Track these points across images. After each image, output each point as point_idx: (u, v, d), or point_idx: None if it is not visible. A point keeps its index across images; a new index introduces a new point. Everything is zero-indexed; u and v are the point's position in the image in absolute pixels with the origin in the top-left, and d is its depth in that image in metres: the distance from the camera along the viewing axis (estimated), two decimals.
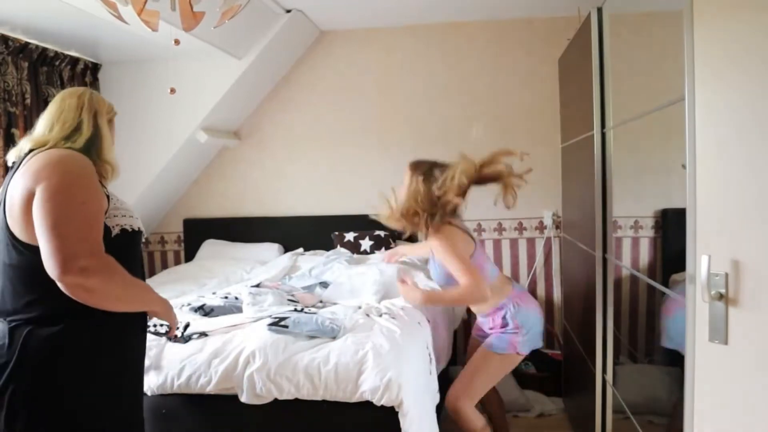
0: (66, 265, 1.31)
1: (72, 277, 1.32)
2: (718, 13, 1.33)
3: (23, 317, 1.42)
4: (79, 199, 1.39)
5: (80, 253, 1.33)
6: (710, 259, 1.28)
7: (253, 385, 2.07)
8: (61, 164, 1.42)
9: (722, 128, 1.34)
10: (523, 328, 2.34)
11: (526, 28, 3.83)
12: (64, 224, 1.33)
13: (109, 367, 1.50)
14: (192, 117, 3.61)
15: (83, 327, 1.44)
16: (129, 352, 1.60)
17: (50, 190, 1.36)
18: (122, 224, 1.53)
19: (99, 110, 1.62)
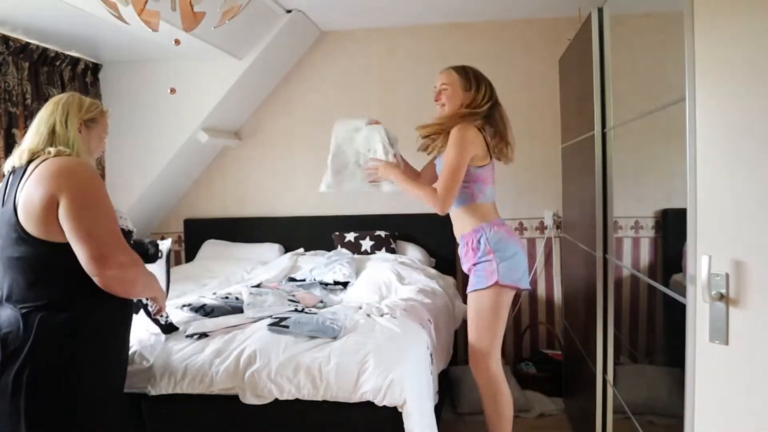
0: (107, 263, 1.54)
1: (112, 272, 1.56)
2: (719, 13, 1.33)
3: (33, 305, 1.58)
4: (103, 205, 1.60)
5: (117, 252, 1.57)
6: (711, 260, 1.28)
7: (254, 385, 2.07)
8: (75, 173, 1.59)
9: (723, 128, 1.34)
10: (498, 252, 2.27)
11: (527, 29, 3.83)
12: (97, 229, 1.56)
13: (114, 343, 1.74)
14: (192, 117, 3.61)
15: (89, 311, 1.62)
16: (128, 330, 1.82)
17: (77, 199, 1.55)
18: (122, 226, 1.70)
19: (70, 113, 1.69)
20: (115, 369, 1.76)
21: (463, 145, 2.21)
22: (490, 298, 2.29)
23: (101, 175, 3.67)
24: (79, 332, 1.60)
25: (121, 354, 1.80)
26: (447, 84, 2.32)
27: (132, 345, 2.08)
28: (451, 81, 2.32)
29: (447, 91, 2.32)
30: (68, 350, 1.58)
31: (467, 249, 2.35)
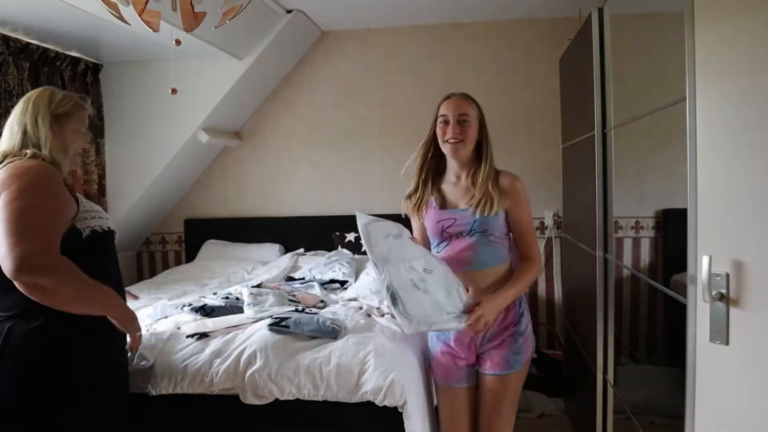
0: (19, 264, 1.37)
1: (24, 276, 1.38)
2: (719, 13, 1.33)
3: (5, 314, 1.52)
4: (35, 203, 1.45)
5: (31, 253, 1.38)
6: (711, 260, 1.28)
7: (255, 385, 2.07)
8: (21, 172, 1.49)
9: (723, 129, 1.34)
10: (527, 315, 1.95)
11: (527, 29, 3.83)
12: (18, 226, 1.40)
13: (93, 352, 1.61)
14: (193, 117, 3.61)
15: (62, 320, 1.51)
16: (110, 338, 1.68)
17: (9, 196, 1.44)
18: (92, 225, 1.62)
19: (40, 109, 1.62)
20: (94, 377, 1.61)
21: (528, 198, 1.93)
22: (524, 375, 1.96)
23: (101, 175, 3.67)
24: (47, 341, 1.51)
25: (104, 363, 1.66)
26: (470, 117, 1.87)
27: None
28: (472, 114, 1.89)
29: (469, 125, 1.87)
30: (34, 359, 1.49)
31: (501, 315, 1.88)
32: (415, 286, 1.69)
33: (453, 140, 1.85)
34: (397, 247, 1.72)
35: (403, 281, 1.69)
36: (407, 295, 1.68)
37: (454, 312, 1.72)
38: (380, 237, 1.70)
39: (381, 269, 1.69)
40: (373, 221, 1.73)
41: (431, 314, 1.69)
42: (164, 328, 2.36)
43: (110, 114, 3.72)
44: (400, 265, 1.70)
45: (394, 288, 1.68)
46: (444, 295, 1.71)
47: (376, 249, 1.70)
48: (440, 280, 1.72)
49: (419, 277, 1.70)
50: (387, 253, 1.70)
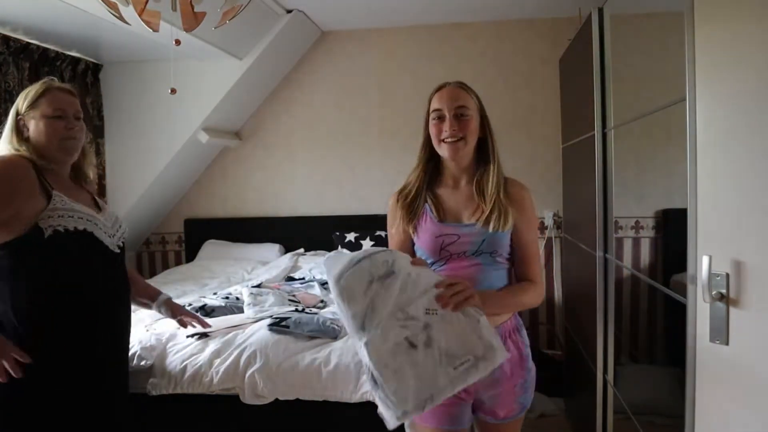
0: None
1: None
2: (719, 14, 1.33)
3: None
4: None
5: None
6: (711, 260, 1.28)
7: (254, 385, 2.07)
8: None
9: (723, 129, 1.34)
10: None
11: (527, 29, 3.83)
12: None
13: (64, 352, 1.52)
14: (193, 117, 3.61)
15: (34, 319, 1.49)
16: (87, 338, 1.57)
17: None
18: (56, 225, 1.49)
19: (19, 111, 1.60)
20: (66, 378, 1.53)
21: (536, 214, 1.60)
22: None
23: (101, 175, 3.67)
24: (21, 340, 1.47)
25: (76, 365, 1.55)
26: (469, 109, 1.52)
27: (132, 345, 2.08)
28: (472, 106, 1.53)
29: (469, 119, 1.51)
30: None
31: (509, 365, 1.52)
32: (411, 346, 1.24)
33: (451, 139, 1.49)
34: (385, 293, 1.27)
35: (390, 348, 1.24)
36: (396, 368, 1.23)
37: (469, 357, 1.26)
38: (359, 291, 1.27)
39: (360, 337, 1.26)
40: (348, 270, 1.28)
41: (432, 380, 1.23)
42: (164, 328, 2.36)
43: (110, 114, 3.72)
44: (390, 321, 1.26)
45: (373, 369, 1.23)
46: (457, 337, 1.27)
47: (353, 309, 1.26)
48: (451, 316, 1.28)
49: (420, 325, 1.26)
50: (368, 311, 1.26)
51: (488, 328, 1.30)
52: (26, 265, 1.49)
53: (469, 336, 1.27)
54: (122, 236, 1.73)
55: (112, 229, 1.68)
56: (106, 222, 1.67)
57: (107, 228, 1.65)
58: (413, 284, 1.30)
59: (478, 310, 1.31)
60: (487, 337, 1.28)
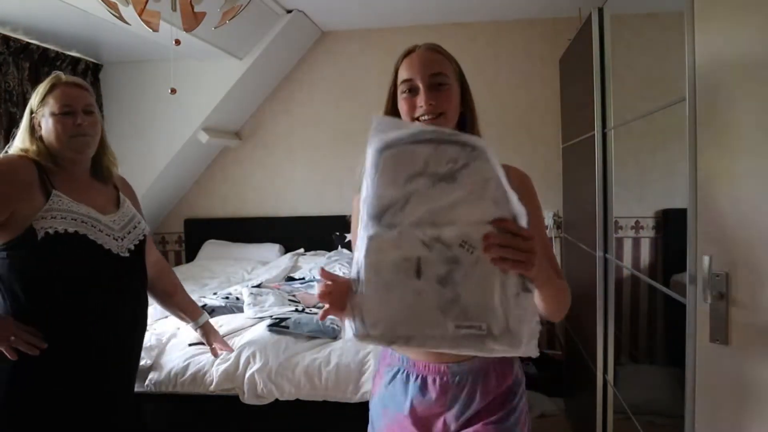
0: None
1: None
2: (719, 13, 1.33)
3: None
4: None
5: None
6: (711, 260, 1.28)
7: (254, 385, 2.07)
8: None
9: (723, 128, 1.34)
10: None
11: (527, 29, 3.83)
12: None
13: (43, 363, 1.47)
14: (193, 117, 3.61)
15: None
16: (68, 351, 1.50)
17: None
18: (48, 227, 1.44)
19: (32, 110, 1.57)
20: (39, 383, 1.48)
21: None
22: None
23: None
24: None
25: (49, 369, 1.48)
26: (448, 78, 1.20)
27: None
28: (450, 73, 1.23)
29: (448, 90, 1.20)
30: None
31: (486, 380, 1.22)
32: (417, 273, 0.93)
33: (428, 116, 1.16)
34: (429, 195, 0.92)
35: (395, 259, 0.94)
36: (389, 282, 0.94)
37: (481, 325, 0.92)
38: (401, 176, 0.94)
39: (369, 226, 0.95)
40: (401, 146, 0.94)
41: (422, 320, 0.94)
42: (164, 328, 2.37)
43: (110, 114, 3.72)
44: (413, 230, 0.93)
45: (362, 269, 0.96)
46: (481, 295, 0.92)
47: (381, 190, 0.95)
48: (488, 267, 0.91)
49: (446, 255, 0.92)
50: (397, 204, 0.94)
51: (525, 310, 0.93)
52: (22, 267, 1.46)
53: (495, 304, 0.91)
54: (136, 239, 1.65)
55: (120, 232, 1.61)
56: (114, 224, 1.59)
57: (112, 230, 1.58)
58: (470, 205, 0.91)
59: (527, 282, 0.93)
60: (515, 320, 0.92)
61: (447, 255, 0.92)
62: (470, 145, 0.91)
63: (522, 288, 0.93)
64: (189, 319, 2.01)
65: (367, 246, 0.95)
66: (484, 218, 0.91)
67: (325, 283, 0.99)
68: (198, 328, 2.04)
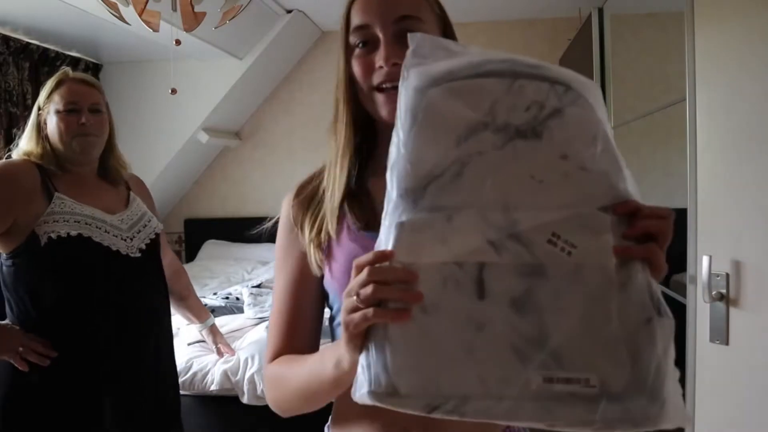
0: None
1: None
2: (719, 14, 1.33)
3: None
4: None
5: None
6: (711, 260, 1.28)
7: (254, 386, 2.07)
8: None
9: (723, 129, 1.34)
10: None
11: (527, 29, 3.83)
12: None
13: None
14: (193, 117, 3.61)
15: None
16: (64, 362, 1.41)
17: None
18: (50, 231, 1.37)
19: (39, 99, 1.50)
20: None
21: None
22: None
23: None
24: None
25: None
26: (424, 23, 0.81)
27: None
28: (428, 18, 0.84)
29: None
30: None
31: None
32: (479, 291, 0.54)
33: (391, 84, 0.74)
34: (498, 161, 0.57)
35: (439, 266, 0.55)
36: (430, 305, 0.54)
37: (589, 378, 0.52)
38: (453, 131, 0.58)
39: (400, 209, 0.57)
40: (457, 81, 0.60)
41: (484, 371, 0.53)
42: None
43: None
44: (474, 218, 0.56)
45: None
46: (587, 326, 0.54)
47: (421, 153, 0.58)
48: (598, 275, 0.54)
49: (526, 258, 0.55)
50: (446, 174, 0.57)
51: (664, 350, 0.56)
52: (27, 274, 1.41)
53: (612, 339, 0.54)
54: (147, 237, 1.56)
55: (129, 232, 1.52)
56: (122, 224, 1.51)
57: (120, 231, 1.50)
58: (566, 177, 0.57)
59: (659, 297, 0.57)
60: (648, 367, 0.54)
61: (527, 260, 0.55)
62: (563, 83, 0.61)
63: (656, 308, 0.55)
64: (197, 320, 1.97)
65: (396, 239, 0.56)
66: (591, 199, 0.57)
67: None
68: (203, 330, 2.02)
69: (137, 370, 1.50)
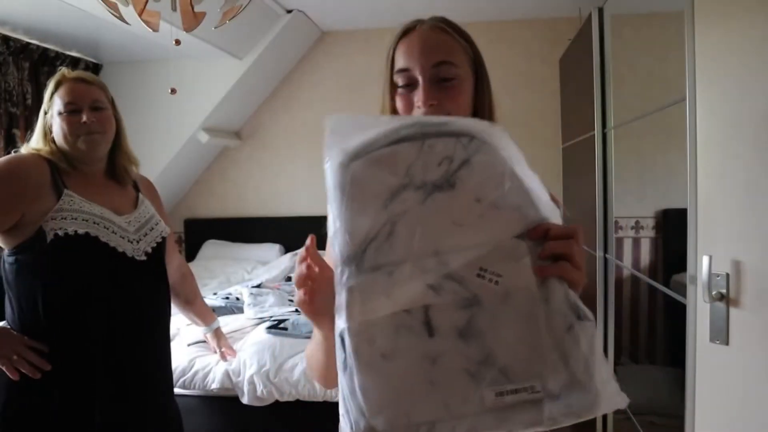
0: None
1: None
2: (719, 13, 1.33)
3: None
4: None
5: None
6: (711, 260, 1.28)
7: (254, 387, 2.07)
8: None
9: (723, 128, 1.34)
10: None
11: (527, 29, 3.83)
12: None
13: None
14: (193, 117, 3.61)
15: None
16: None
17: None
18: (57, 228, 1.35)
19: (44, 105, 1.48)
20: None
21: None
22: None
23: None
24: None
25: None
26: (458, 67, 0.92)
27: None
28: (461, 61, 0.94)
29: (458, 85, 0.92)
30: None
31: None
32: (428, 329, 0.63)
33: (422, 106, 0.88)
34: (422, 214, 0.66)
35: (388, 316, 0.64)
36: (388, 351, 0.63)
37: (533, 385, 0.61)
38: (379, 196, 0.67)
39: (345, 274, 0.66)
40: (374, 151, 0.68)
41: (445, 396, 0.62)
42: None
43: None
44: (410, 268, 0.64)
45: (347, 339, 0.64)
46: (520, 340, 0.63)
47: (354, 222, 0.68)
48: (524, 296, 0.64)
49: (463, 295, 0.64)
50: (379, 237, 0.66)
51: (589, 347, 0.62)
52: (30, 272, 1.38)
53: (545, 349, 0.62)
54: (154, 241, 1.54)
55: (135, 234, 1.50)
56: (129, 226, 1.49)
57: (127, 232, 1.47)
58: (483, 217, 0.65)
59: (579, 305, 0.64)
60: (579, 365, 0.61)
61: (463, 295, 0.63)
62: (466, 134, 0.67)
63: (575, 314, 0.63)
64: (203, 323, 1.97)
65: (348, 303, 0.64)
66: (506, 232, 0.65)
67: (308, 263, 0.77)
68: (208, 333, 2.01)
69: (134, 375, 1.48)
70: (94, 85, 1.52)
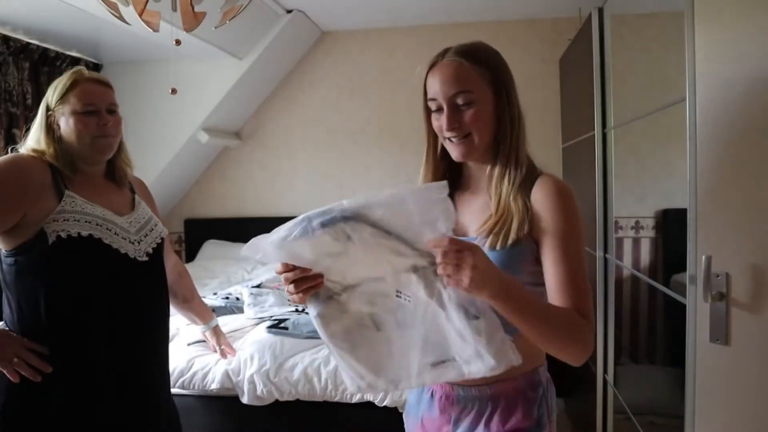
0: None
1: None
2: (719, 13, 1.33)
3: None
4: None
5: None
6: (711, 260, 1.28)
7: (254, 386, 2.07)
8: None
9: (723, 128, 1.34)
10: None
11: (527, 29, 3.83)
12: None
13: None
14: (193, 117, 3.61)
15: None
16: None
17: None
18: (60, 230, 1.34)
19: (49, 107, 1.46)
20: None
21: (578, 212, 1.11)
22: None
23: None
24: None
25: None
26: (473, 94, 1.10)
27: None
28: (477, 87, 1.11)
29: (475, 107, 1.10)
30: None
31: (498, 412, 1.14)
32: (378, 330, 1.00)
33: (454, 138, 1.10)
34: (341, 267, 0.98)
35: (350, 325, 1.01)
36: (360, 342, 1.01)
37: (453, 356, 0.97)
38: (306, 263, 1.00)
39: (313, 306, 1.03)
40: (294, 232, 0.97)
41: (404, 361, 0.99)
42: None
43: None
44: (353, 295, 1.00)
45: (328, 344, 1.02)
46: (437, 333, 0.97)
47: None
48: (432, 310, 0.95)
49: (392, 305, 0.98)
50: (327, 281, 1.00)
51: (484, 333, 0.92)
52: (30, 274, 1.36)
53: (454, 338, 0.96)
54: (154, 242, 1.54)
55: (136, 235, 1.50)
56: (129, 227, 1.49)
57: (128, 233, 1.47)
58: (381, 265, 0.95)
59: (469, 309, 0.92)
60: (479, 344, 0.93)
61: (391, 306, 0.98)
62: (334, 218, 0.95)
63: (466, 317, 0.93)
64: (201, 322, 1.97)
65: (320, 324, 1.01)
66: (401, 267, 0.95)
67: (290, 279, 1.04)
68: (207, 332, 2.01)
69: (134, 375, 1.48)
70: (110, 88, 1.53)
